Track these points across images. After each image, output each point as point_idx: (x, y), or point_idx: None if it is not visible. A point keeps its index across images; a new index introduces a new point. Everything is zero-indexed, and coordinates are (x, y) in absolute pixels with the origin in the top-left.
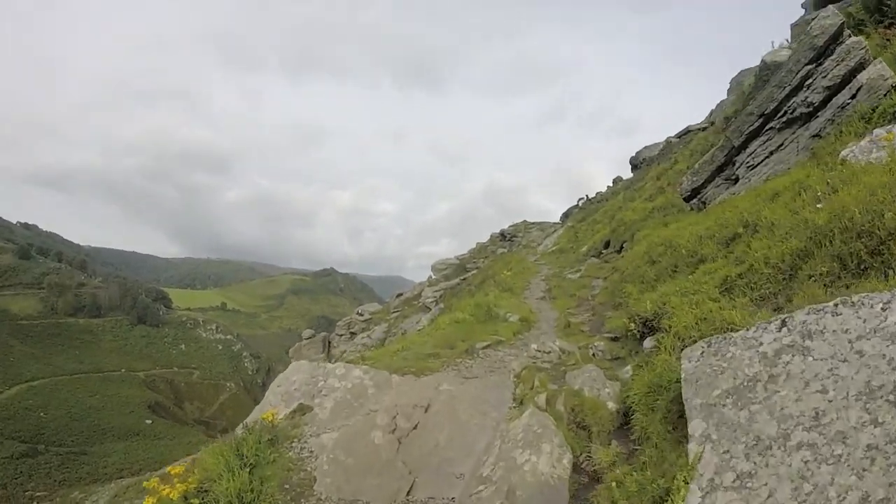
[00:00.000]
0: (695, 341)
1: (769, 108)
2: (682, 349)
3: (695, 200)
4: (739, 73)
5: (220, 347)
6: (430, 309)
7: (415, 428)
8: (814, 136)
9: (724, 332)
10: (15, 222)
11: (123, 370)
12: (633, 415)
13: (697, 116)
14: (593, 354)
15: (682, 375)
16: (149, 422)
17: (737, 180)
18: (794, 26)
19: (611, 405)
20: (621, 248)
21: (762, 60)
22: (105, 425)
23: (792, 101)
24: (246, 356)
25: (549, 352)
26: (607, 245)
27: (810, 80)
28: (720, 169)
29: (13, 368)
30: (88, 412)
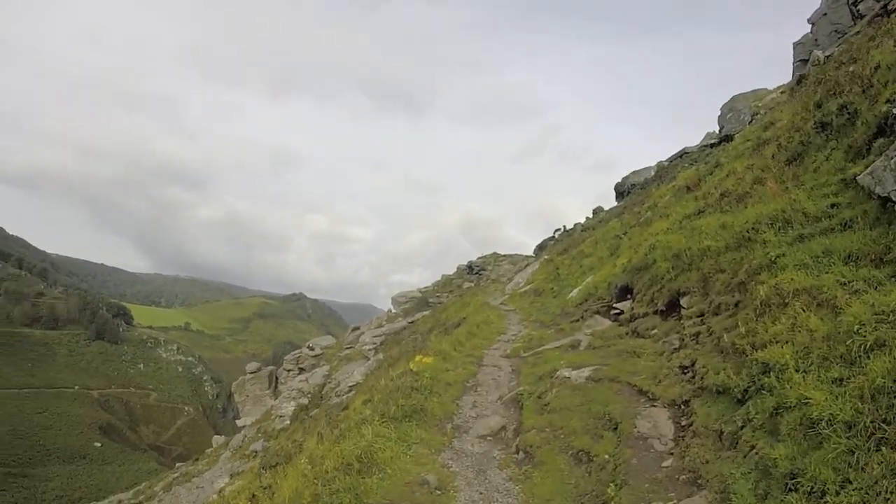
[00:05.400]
0: None
1: None
2: None
3: None
4: (731, 99)
5: (181, 369)
6: (368, 359)
7: None
8: None
9: None
10: None
11: (77, 387)
12: None
13: (669, 152)
14: None
15: None
16: (98, 444)
17: None
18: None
19: None
20: (674, 302)
21: None
22: (51, 445)
23: None
24: (206, 380)
25: None
26: (626, 292)
27: None
28: None
29: None
30: (34, 430)
